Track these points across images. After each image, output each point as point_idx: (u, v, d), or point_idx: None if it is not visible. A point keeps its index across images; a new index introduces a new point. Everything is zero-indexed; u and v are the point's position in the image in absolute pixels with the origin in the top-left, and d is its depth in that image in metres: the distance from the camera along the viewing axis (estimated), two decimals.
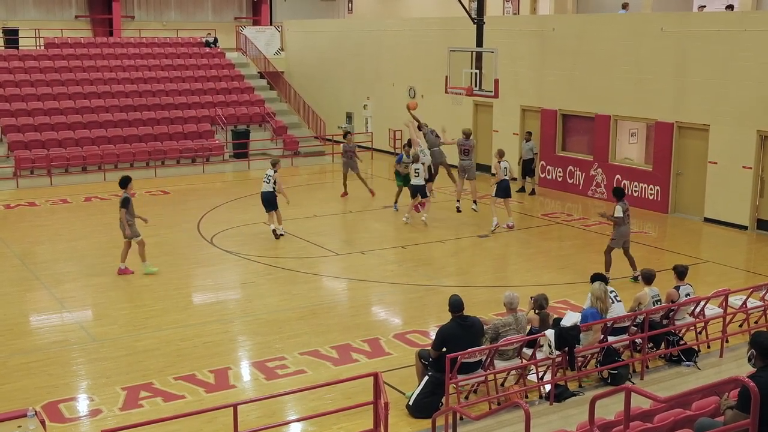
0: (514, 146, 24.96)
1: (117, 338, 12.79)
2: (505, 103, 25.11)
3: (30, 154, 26.40)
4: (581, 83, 23.42)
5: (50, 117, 28.48)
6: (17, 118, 28.06)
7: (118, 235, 19.05)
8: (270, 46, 37.23)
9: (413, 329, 13.09)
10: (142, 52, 33.95)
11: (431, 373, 9.95)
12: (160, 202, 23.20)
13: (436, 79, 25.59)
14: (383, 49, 31.48)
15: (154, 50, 34.32)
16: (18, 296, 15.08)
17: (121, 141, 28.21)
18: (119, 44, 34.50)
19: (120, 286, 15.43)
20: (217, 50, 35.70)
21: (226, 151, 29.71)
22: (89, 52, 32.88)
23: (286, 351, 12.16)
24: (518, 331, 10.50)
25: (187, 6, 39.53)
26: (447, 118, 28.20)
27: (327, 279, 16.22)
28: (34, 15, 36.32)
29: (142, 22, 38.73)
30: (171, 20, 39.29)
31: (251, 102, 32.29)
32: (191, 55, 34.71)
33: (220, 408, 9.00)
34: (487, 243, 18.72)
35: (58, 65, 31.39)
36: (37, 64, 31.16)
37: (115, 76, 31.50)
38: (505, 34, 25.04)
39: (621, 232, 15.53)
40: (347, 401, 10.15)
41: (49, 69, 31.01)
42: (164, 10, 39.26)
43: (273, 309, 14.21)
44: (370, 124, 32.43)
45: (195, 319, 13.74)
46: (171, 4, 39.14)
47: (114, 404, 10.44)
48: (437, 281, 15.61)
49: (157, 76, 32.24)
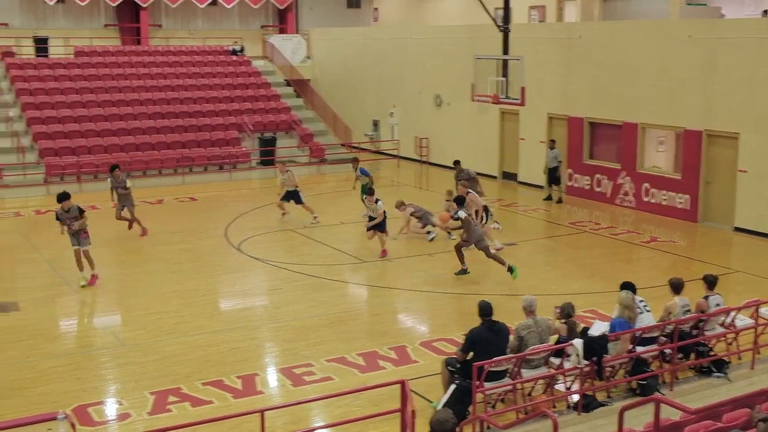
0: (540, 154, 24.89)
1: (145, 343, 12.87)
2: (531, 111, 25.04)
3: (60, 160, 26.68)
4: (608, 91, 23.31)
5: (80, 124, 28.77)
6: (48, 125, 28.37)
7: (147, 242, 19.27)
8: (296, 54, 37.39)
9: (440, 337, 13.06)
10: (170, 60, 34.23)
11: (458, 381, 9.92)
12: (187, 209, 23.37)
13: (462, 87, 25.58)
14: (409, 56, 31.52)
15: (182, 58, 34.59)
16: (48, 301, 15.23)
17: (149, 148, 28.44)
18: (147, 52, 34.80)
19: (148, 292, 15.53)
20: (243, 58, 35.91)
21: (253, 159, 29.85)
22: (118, 60, 33.21)
23: (313, 358, 12.18)
24: (539, 334, 10.43)
25: (214, 14, 39.79)
26: (473, 127, 28.27)
27: (353, 286, 16.24)
28: (63, 24, 36.72)
29: (170, 30, 39.04)
30: (198, 28, 39.57)
31: (278, 110, 32.44)
32: (218, 63, 34.95)
33: (247, 414, 9.01)
34: (513, 251, 18.63)
35: (88, 73, 31.71)
36: (67, 72, 31.51)
37: (144, 84, 31.78)
38: (531, 41, 24.99)
39: (474, 234, 15.94)
40: (374, 408, 10.14)
41: (78, 77, 31.35)
42: (191, 18, 39.55)
43: (300, 316, 14.24)
44: (396, 132, 32.46)
45: (222, 325, 13.81)
46: (198, 12, 39.41)
47: (142, 409, 10.51)
48: (464, 289, 15.57)
49: (185, 83, 32.48)
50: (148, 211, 22.93)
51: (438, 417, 6.67)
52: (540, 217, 22.37)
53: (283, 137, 31.33)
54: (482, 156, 28.06)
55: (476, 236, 16.07)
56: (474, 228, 16.15)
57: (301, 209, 20.94)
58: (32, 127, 28.17)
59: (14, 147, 27.27)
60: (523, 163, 26.60)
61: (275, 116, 31.89)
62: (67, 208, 15.69)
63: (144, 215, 22.36)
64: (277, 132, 31.30)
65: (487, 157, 27.92)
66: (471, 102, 24.12)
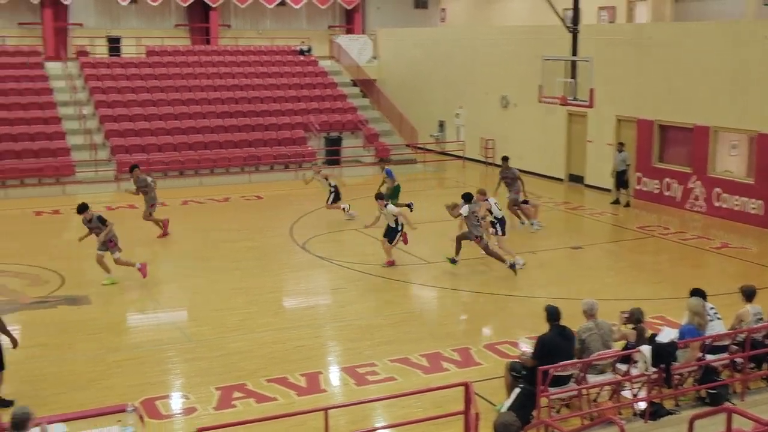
0: (608, 157, 24.54)
1: (211, 339, 13.06)
2: (599, 113, 24.70)
3: (130, 158, 27.19)
4: (679, 93, 22.85)
5: (150, 122, 29.33)
6: (119, 123, 28.98)
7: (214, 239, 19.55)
8: (363, 54, 37.51)
9: (504, 340, 12.97)
10: (238, 59, 34.66)
11: (523, 385, 9.83)
12: (253, 207, 23.64)
13: (529, 88, 25.37)
14: (476, 57, 31.38)
15: (250, 58, 35.00)
16: (117, 295, 15.56)
17: (217, 146, 28.84)
18: (216, 52, 35.30)
19: (214, 289, 15.74)
20: (310, 58, 36.18)
21: (319, 158, 30.05)
22: (188, 59, 33.75)
23: (376, 357, 12.21)
24: (601, 337, 10.26)
25: (283, 14, 40.15)
26: (540, 128, 28.02)
27: (417, 287, 16.23)
28: (136, 24, 37.44)
29: (239, 30, 39.51)
30: (266, 29, 39.96)
31: (344, 109, 32.59)
32: (286, 63, 35.27)
33: (311, 411, 9.07)
34: (579, 255, 18.44)
35: (158, 72, 32.30)
36: (139, 72, 32.15)
37: (212, 83, 32.25)
38: (601, 42, 24.66)
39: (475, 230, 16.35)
40: (437, 410, 10.11)
41: (149, 76, 31.95)
42: (260, 18, 39.95)
43: (364, 315, 14.29)
44: (462, 133, 32.35)
45: (287, 323, 13.94)
46: (267, 12, 39.80)
47: (208, 403, 10.66)
48: (528, 292, 15.44)
49: (253, 83, 32.86)
50: (215, 209, 23.30)
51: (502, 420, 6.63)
52: (606, 221, 22.06)
53: (349, 137, 31.48)
54: (548, 158, 27.79)
55: (477, 233, 16.46)
56: (475, 225, 16.40)
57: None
58: (104, 125, 28.81)
59: (87, 144, 27.92)
60: (590, 165, 26.26)
61: (341, 116, 32.06)
62: (88, 218, 15.76)
63: (211, 212, 22.77)
64: (343, 132, 31.46)
65: (553, 159, 27.65)
66: (538, 103, 23.91)
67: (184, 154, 27.98)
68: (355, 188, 26.04)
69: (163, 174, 27.27)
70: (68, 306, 14.65)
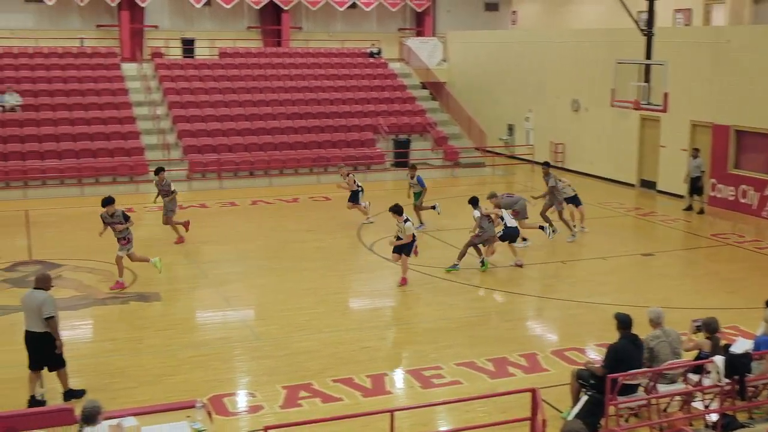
0: (681, 162, 24.05)
1: (278, 338, 13.18)
2: (673, 118, 24.21)
3: (202, 158, 27.67)
4: (758, 98, 22.25)
5: (221, 123, 29.76)
6: (192, 123, 29.48)
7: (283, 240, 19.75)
8: (432, 57, 37.46)
9: (571, 346, 12.80)
10: (309, 61, 34.95)
11: (591, 393, 9.68)
12: (322, 208, 23.80)
13: (601, 92, 25.01)
14: (547, 60, 31.08)
15: (321, 60, 35.27)
16: (187, 293, 15.84)
17: (286, 147, 29.11)
18: (287, 54, 35.65)
19: (282, 289, 15.88)
20: (380, 60, 36.28)
21: (387, 160, 30.10)
22: (259, 61, 34.16)
23: (442, 361, 12.16)
24: (670, 344, 10.05)
25: (353, 17, 40.36)
26: (611, 133, 27.61)
27: (485, 291, 16.13)
28: (209, 26, 38.05)
29: (310, 32, 39.85)
30: (337, 31, 40.24)
31: (413, 112, 32.59)
32: (356, 65, 35.44)
33: (377, 413, 9.09)
34: (650, 262, 18.10)
35: (231, 74, 32.76)
36: (211, 73, 32.65)
37: (283, 85, 32.57)
38: (676, 45, 24.17)
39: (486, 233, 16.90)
40: (502, 415, 10.03)
41: (222, 77, 32.43)
42: (331, 21, 40.23)
43: (430, 318, 14.26)
44: (531, 137, 32.06)
45: (354, 324, 13.99)
46: (338, 15, 40.06)
47: (275, 402, 10.76)
48: (597, 299, 15.21)
49: (323, 85, 33.10)
50: (284, 209, 23.52)
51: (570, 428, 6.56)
52: (679, 228, 21.60)
53: (418, 139, 31.46)
54: (619, 163, 27.37)
55: (486, 236, 16.87)
56: (486, 228, 16.81)
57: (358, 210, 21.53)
58: (177, 125, 29.34)
59: (160, 144, 28.46)
60: (663, 171, 25.76)
61: (410, 118, 32.06)
62: (111, 212, 15.68)
63: (280, 213, 22.98)
64: (412, 134, 31.44)
65: (624, 164, 27.20)
66: (610, 107, 23.54)
67: (255, 155, 28.30)
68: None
69: (233, 174, 27.66)
70: (139, 302, 14.96)
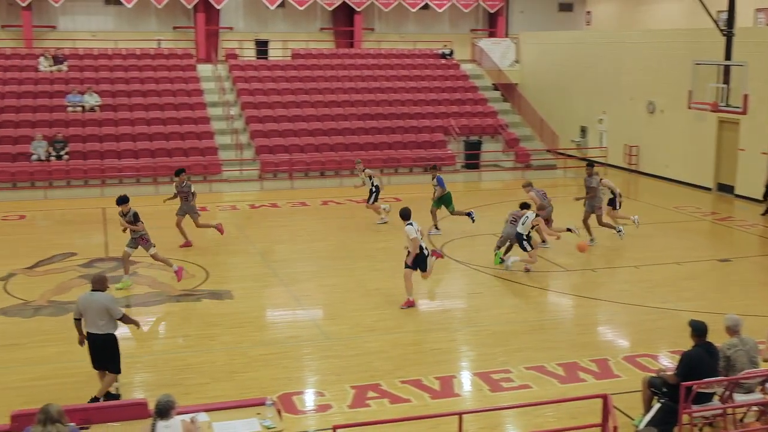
0: (761, 166, 23.41)
1: (348, 338, 13.24)
2: (753, 120, 23.59)
3: (274, 158, 27.98)
4: None
5: (293, 123, 30.06)
6: (264, 123, 29.85)
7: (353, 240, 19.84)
8: (505, 58, 37.22)
9: (644, 353, 12.56)
10: (381, 63, 35.07)
11: (664, 400, 9.49)
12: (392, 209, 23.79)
13: (678, 94, 24.51)
14: (622, 61, 30.58)
15: (392, 61, 35.35)
16: (258, 291, 16.02)
17: (357, 148, 29.24)
18: (360, 55, 35.83)
19: (352, 289, 15.96)
20: (452, 62, 36.19)
21: (458, 162, 30.00)
22: (332, 62, 34.42)
23: (511, 364, 12.07)
24: (747, 352, 9.77)
25: (425, 18, 40.34)
26: (688, 135, 27.03)
27: (555, 294, 15.95)
28: (282, 27, 38.45)
29: (382, 34, 39.95)
30: (409, 32, 40.26)
31: (484, 113, 32.43)
32: (427, 66, 35.42)
33: (446, 415, 9.08)
34: (727, 268, 17.66)
35: (303, 75, 33.07)
36: (284, 74, 33.00)
37: (355, 86, 32.74)
38: (757, 46, 23.52)
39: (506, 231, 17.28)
40: (572, 421, 9.91)
41: (294, 78, 32.76)
42: (403, 22, 40.28)
43: (499, 321, 14.15)
44: (604, 139, 31.58)
45: (422, 325, 13.97)
46: (410, 16, 40.09)
47: (343, 401, 10.81)
48: (671, 304, 14.89)
49: (394, 86, 33.16)
50: (354, 210, 23.60)
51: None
52: (758, 233, 21.04)
53: (489, 141, 31.27)
54: (696, 166, 26.78)
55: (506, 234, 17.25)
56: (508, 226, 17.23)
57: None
58: (250, 126, 29.73)
59: (233, 144, 28.89)
60: (741, 175, 25.11)
61: (481, 120, 31.90)
62: (125, 212, 15.66)
63: (350, 213, 23.07)
64: (483, 136, 31.27)
65: (701, 168, 26.61)
66: (687, 109, 23.06)
67: (326, 155, 28.51)
68: (494, 193, 25.91)
69: (304, 174, 27.91)
70: (212, 300, 15.19)
